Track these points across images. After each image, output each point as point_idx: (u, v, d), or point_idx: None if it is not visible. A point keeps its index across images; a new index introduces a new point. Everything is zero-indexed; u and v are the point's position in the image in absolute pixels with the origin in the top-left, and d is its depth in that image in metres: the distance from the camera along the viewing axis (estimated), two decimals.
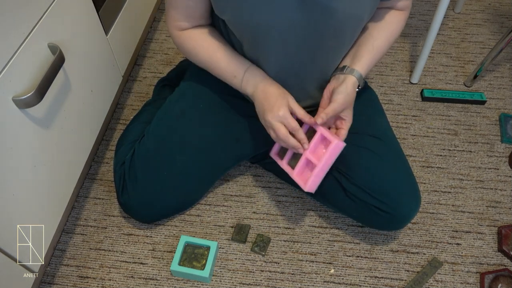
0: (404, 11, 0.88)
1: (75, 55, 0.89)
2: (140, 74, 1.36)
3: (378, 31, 0.86)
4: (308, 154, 0.82)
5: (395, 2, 0.85)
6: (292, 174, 0.86)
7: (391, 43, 0.88)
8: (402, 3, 0.85)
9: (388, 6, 0.86)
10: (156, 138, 0.95)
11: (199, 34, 0.86)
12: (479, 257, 0.99)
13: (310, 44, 0.77)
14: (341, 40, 0.79)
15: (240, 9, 0.72)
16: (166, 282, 0.95)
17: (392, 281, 0.95)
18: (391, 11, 0.87)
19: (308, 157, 0.83)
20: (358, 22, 0.77)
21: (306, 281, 0.95)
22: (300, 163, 0.84)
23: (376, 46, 0.85)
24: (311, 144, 0.82)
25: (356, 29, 0.79)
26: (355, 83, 0.82)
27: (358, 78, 0.82)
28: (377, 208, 0.89)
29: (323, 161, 0.80)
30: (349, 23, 0.76)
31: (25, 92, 0.72)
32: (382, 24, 0.86)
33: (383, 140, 0.92)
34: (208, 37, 0.85)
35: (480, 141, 1.20)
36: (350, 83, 0.81)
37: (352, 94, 0.81)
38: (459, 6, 1.56)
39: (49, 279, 0.95)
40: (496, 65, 1.39)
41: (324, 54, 0.81)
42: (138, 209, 0.97)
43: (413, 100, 1.30)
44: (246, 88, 0.84)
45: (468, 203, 1.08)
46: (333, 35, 0.77)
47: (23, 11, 0.71)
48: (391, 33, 0.87)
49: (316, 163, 0.81)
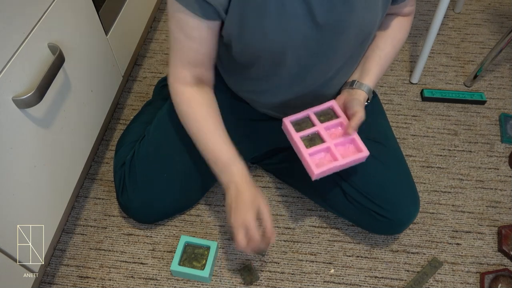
0: (409, 17, 0.88)
1: (75, 55, 0.89)
2: (140, 74, 1.36)
3: (384, 40, 0.86)
4: (333, 145, 0.80)
5: (401, 9, 0.85)
6: (305, 152, 0.79)
7: (397, 49, 0.88)
8: (407, 9, 0.85)
9: (394, 13, 0.86)
10: (157, 139, 0.95)
11: (195, 99, 0.81)
12: (479, 257, 0.99)
13: (322, 56, 0.77)
14: (352, 51, 0.80)
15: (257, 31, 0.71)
16: (166, 282, 0.95)
17: (392, 281, 0.95)
18: (396, 18, 0.87)
19: (331, 148, 0.80)
20: (370, 35, 0.78)
21: (306, 281, 0.95)
22: (317, 147, 0.80)
23: (383, 56, 0.86)
24: (339, 139, 0.81)
25: (366, 42, 0.80)
26: (365, 98, 0.84)
27: (367, 92, 0.84)
28: (376, 213, 0.90)
29: (346, 160, 0.79)
30: (361, 37, 0.77)
31: (25, 92, 0.72)
32: (388, 32, 0.86)
33: (385, 145, 0.92)
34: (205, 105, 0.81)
35: (480, 141, 1.20)
36: (361, 96, 0.83)
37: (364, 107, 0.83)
38: (459, 6, 1.56)
39: (49, 279, 0.95)
40: (496, 65, 1.39)
41: (335, 64, 0.81)
42: (138, 210, 0.97)
43: (413, 100, 1.30)
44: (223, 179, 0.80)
45: (468, 203, 1.08)
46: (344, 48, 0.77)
47: (23, 11, 0.71)
48: (397, 40, 0.88)
49: (338, 158, 0.79)
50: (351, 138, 0.81)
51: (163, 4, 1.60)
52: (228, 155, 0.79)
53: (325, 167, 0.78)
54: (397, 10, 0.85)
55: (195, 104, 0.81)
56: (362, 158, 0.80)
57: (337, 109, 0.84)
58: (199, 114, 0.81)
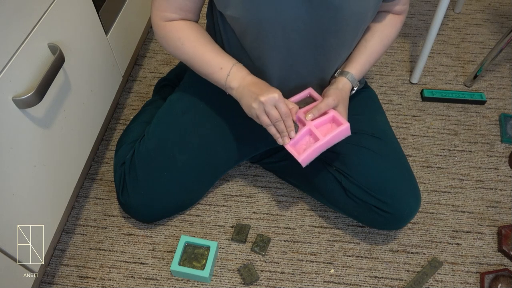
0: (401, 15, 0.89)
1: (75, 55, 0.89)
2: (140, 74, 1.36)
3: (371, 33, 0.87)
4: (312, 126, 0.80)
5: (392, 6, 0.85)
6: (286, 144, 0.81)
7: (386, 45, 0.89)
8: (399, 8, 0.86)
9: (385, 10, 0.87)
10: (156, 138, 0.95)
11: (186, 25, 0.83)
12: (479, 257, 0.99)
13: (313, 41, 0.78)
14: (342, 38, 0.80)
15: (244, 4, 0.72)
16: (166, 282, 0.95)
17: (392, 281, 0.95)
18: (387, 15, 0.88)
19: (312, 129, 0.80)
20: (361, 20, 0.77)
21: (306, 281, 0.95)
22: (298, 134, 0.81)
23: (368, 47, 0.86)
24: (318, 119, 0.81)
25: (358, 28, 0.80)
26: (346, 83, 0.85)
27: (350, 79, 0.85)
28: (378, 208, 0.89)
29: (327, 138, 0.79)
30: (352, 21, 0.76)
31: (25, 92, 0.72)
32: (376, 27, 0.88)
33: (383, 140, 0.92)
34: (196, 29, 0.84)
35: (480, 141, 1.20)
36: (341, 82, 0.84)
37: (343, 90, 0.84)
38: (459, 6, 1.56)
39: (49, 279, 0.95)
40: (496, 65, 1.39)
41: (326, 52, 0.81)
42: (138, 209, 0.97)
43: (413, 100, 1.30)
44: (232, 81, 0.81)
45: (468, 203, 1.08)
46: (335, 33, 0.77)
47: (23, 11, 0.71)
48: (386, 35, 0.88)
49: (319, 137, 0.79)
50: (331, 116, 0.81)
51: None
52: (230, 57, 0.82)
53: (308, 150, 0.79)
54: (388, 8, 0.86)
55: (186, 28, 0.83)
56: (345, 130, 0.80)
57: (315, 94, 0.86)
58: (192, 34, 0.83)
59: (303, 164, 0.80)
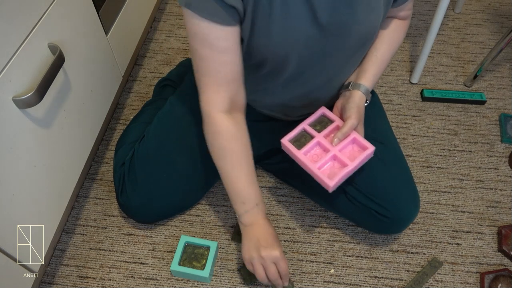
0: (405, 21, 0.89)
1: (75, 55, 0.89)
2: (140, 74, 1.36)
3: (380, 41, 0.87)
4: (337, 151, 0.80)
5: (398, 12, 0.85)
6: (313, 167, 0.79)
7: (393, 51, 0.89)
8: (404, 13, 0.86)
9: (390, 16, 0.87)
10: (156, 139, 0.95)
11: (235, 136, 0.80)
12: (479, 257, 0.99)
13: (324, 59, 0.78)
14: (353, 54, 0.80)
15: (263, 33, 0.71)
16: (166, 282, 0.95)
17: (392, 281, 0.95)
18: (393, 21, 0.87)
19: (337, 155, 0.79)
20: (370, 37, 0.78)
21: (306, 281, 0.95)
22: (324, 159, 0.80)
23: (379, 56, 0.86)
24: (341, 144, 0.80)
25: (368, 43, 0.80)
26: (362, 97, 0.83)
27: (365, 92, 0.84)
28: (377, 213, 0.90)
29: (355, 163, 0.78)
30: (362, 39, 0.77)
31: (25, 92, 0.72)
32: (384, 34, 0.87)
33: (385, 144, 0.92)
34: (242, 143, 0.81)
35: (480, 141, 1.20)
36: (357, 97, 0.82)
37: (362, 107, 0.83)
38: (459, 6, 1.56)
39: (49, 279, 0.95)
40: (496, 65, 1.39)
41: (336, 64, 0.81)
42: (137, 209, 0.97)
43: (413, 100, 1.30)
44: (247, 219, 0.82)
45: (468, 203, 1.08)
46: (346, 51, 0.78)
47: (23, 11, 0.71)
48: (394, 41, 0.88)
49: (347, 163, 0.79)
50: (352, 138, 0.81)
51: (163, 4, 1.60)
52: (257, 196, 0.83)
53: (338, 176, 0.78)
54: (394, 13, 0.86)
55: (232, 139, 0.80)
56: (370, 154, 0.80)
57: (329, 114, 0.85)
58: (235, 152, 0.80)
59: (331, 190, 0.79)
